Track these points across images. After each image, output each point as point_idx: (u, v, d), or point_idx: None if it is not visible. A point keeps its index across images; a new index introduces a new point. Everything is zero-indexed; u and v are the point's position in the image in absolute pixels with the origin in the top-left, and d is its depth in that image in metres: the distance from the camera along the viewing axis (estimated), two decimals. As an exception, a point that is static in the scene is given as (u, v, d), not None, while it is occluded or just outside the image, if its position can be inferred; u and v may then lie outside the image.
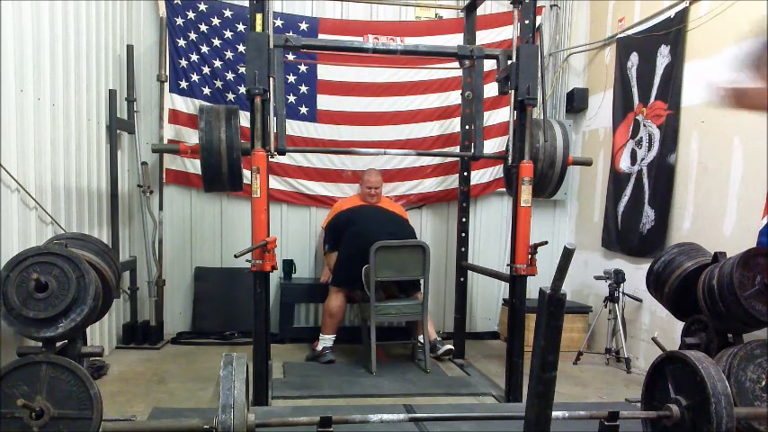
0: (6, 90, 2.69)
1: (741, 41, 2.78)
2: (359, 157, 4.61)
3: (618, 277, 4.14)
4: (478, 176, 4.77)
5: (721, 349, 2.80)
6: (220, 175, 3.16)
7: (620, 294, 4.14)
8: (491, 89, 4.05)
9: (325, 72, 4.64)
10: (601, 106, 4.74)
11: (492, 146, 4.71)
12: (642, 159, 4.17)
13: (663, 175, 3.93)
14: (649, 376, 2.44)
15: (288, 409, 3.01)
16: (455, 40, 4.47)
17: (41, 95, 3.03)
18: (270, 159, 3.13)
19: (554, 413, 1.92)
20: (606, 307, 4.25)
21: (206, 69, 4.48)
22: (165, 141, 4.38)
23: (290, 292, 4.56)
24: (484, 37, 4.58)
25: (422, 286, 3.97)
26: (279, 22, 4.42)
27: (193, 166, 4.42)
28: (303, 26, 4.53)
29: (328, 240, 4.25)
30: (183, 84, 4.46)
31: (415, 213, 4.84)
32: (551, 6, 4.99)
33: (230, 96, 4.51)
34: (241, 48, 4.37)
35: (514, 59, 3.21)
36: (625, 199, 4.34)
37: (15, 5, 2.75)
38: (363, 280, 3.82)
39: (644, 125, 4.16)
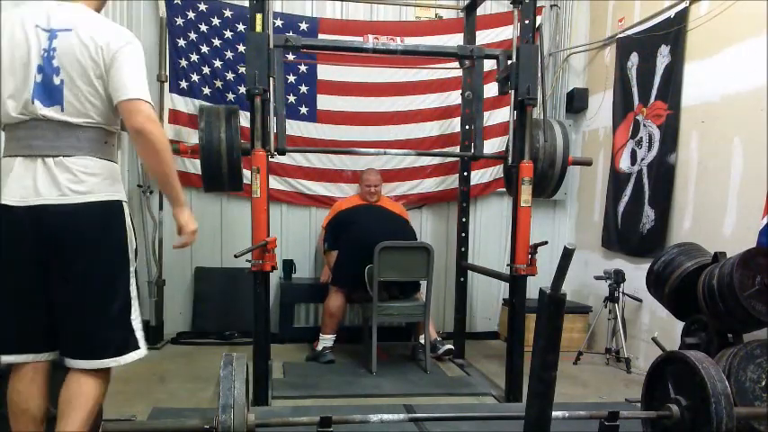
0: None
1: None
2: (359, 157, 4.60)
3: (618, 277, 4.14)
4: (478, 176, 4.77)
5: (721, 349, 2.81)
6: (220, 175, 3.16)
7: (620, 294, 4.14)
8: (491, 89, 4.05)
9: (325, 72, 4.64)
10: (601, 106, 4.74)
11: (492, 146, 4.71)
12: (642, 159, 4.17)
13: (663, 175, 3.93)
14: (649, 376, 2.44)
15: (288, 409, 3.01)
16: (455, 40, 4.47)
17: (41, 95, 3.03)
18: (270, 159, 3.13)
19: (554, 413, 1.92)
20: (606, 307, 4.25)
21: (206, 69, 4.48)
22: (166, 141, 4.37)
23: (290, 292, 4.56)
24: (484, 37, 4.58)
25: (425, 287, 3.96)
26: (279, 22, 4.42)
27: (193, 166, 4.41)
28: (303, 26, 4.53)
29: (328, 239, 4.25)
30: (183, 84, 4.46)
31: (415, 213, 4.84)
32: (551, 6, 4.99)
33: (230, 96, 4.50)
34: (241, 48, 4.37)
35: (514, 59, 3.21)
36: (625, 199, 4.34)
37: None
38: (366, 280, 3.81)
39: (644, 125, 4.16)
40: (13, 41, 1.79)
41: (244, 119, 3.45)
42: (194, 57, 4.46)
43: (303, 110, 4.63)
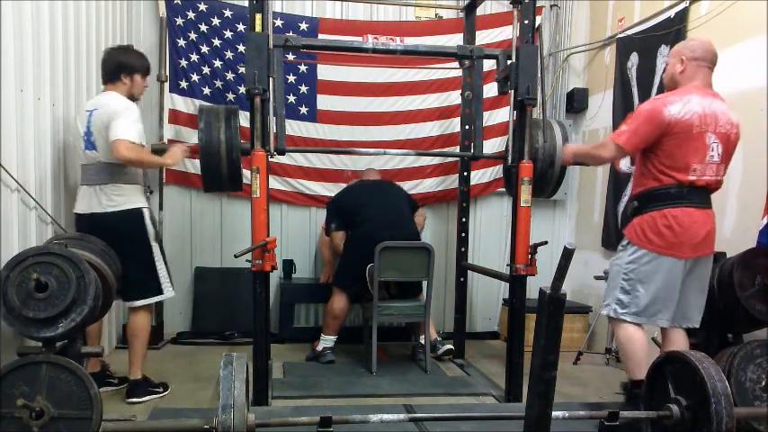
0: (6, 90, 2.69)
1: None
2: (359, 157, 4.61)
3: (618, 277, 4.13)
4: (478, 176, 4.77)
5: (721, 349, 2.81)
6: (220, 176, 3.16)
7: (621, 294, 4.13)
8: (491, 89, 4.05)
9: (325, 72, 4.64)
10: (601, 106, 4.74)
11: (492, 146, 4.71)
12: (642, 159, 4.16)
13: (663, 175, 3.91)
14: (649, 376, 2.44)
15: (288, 409, 3.01)
16: (455, 40, 4.47)
17: (41, 95, 3.03)
18: (270, 159, 3.13)
19: (554, 413, 1.92)
20: (606, 307, 4.24)
21: (206, 69, 4.48)
22: (166, 141, 4.38)
23: (290, 292, 4.56)
24: (484, 37, 4.58)
25: (425, 288, 3.96)
26: (279, 22, 4.42)
27: (193, 166, 4.42)
28: (303, 26, 4.53)
29: (333, 219, 4.12)
30: (183, 84, 4.47)
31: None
32: (551, 6, 4.99)
33: (230, 96, 4.51)
34: (241, 48, 4.37)
35: (514, 59, 3.21)
36: (625, 199, 4.33)
37: (15, 5, 2.75)
38: (368, 279, 3.81)
39: (644, 125, 4.15)
40: (78, 121, 3.15)
41: (244, 119, 3.44)
42: (194, 57, 4.46)
43: (303, 110, 4.63)
